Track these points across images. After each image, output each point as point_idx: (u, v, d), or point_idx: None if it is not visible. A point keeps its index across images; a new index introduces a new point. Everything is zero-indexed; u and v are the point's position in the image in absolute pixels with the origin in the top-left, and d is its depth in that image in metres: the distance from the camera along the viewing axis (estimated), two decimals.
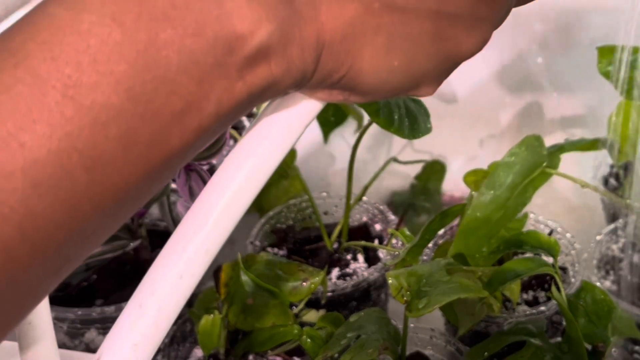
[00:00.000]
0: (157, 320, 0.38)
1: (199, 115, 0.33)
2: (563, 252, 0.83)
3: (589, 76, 0.92)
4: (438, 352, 0.78)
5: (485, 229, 0.73)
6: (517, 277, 0.70)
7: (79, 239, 0.32)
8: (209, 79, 0.33)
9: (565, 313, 0.69)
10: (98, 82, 0.31)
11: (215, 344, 0.75)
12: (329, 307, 0.82)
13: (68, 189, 0.31)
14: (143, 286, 0.38)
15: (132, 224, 0.83)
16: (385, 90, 0.38)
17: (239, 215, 0.38)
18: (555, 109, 1.09)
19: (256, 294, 0.75)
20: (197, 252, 0.37)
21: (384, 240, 0.91)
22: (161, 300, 0.38)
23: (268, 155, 0.38)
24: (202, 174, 0.74)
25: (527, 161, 0.74)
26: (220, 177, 0.38)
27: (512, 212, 0.74)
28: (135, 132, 0.32)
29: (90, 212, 0.32)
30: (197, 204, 0.38)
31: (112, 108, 0.31)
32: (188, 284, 0.38)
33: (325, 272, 0.77)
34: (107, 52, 0.31)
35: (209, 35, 0.33)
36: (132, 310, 0.38)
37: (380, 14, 0.36)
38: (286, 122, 0.38)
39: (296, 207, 0.94)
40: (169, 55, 0.32)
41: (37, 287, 0.32)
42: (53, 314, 0.82)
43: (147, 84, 0.32)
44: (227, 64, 0.33)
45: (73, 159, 0.31)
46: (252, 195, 0.38)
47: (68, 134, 0.30)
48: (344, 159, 0.96)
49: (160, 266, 0.38)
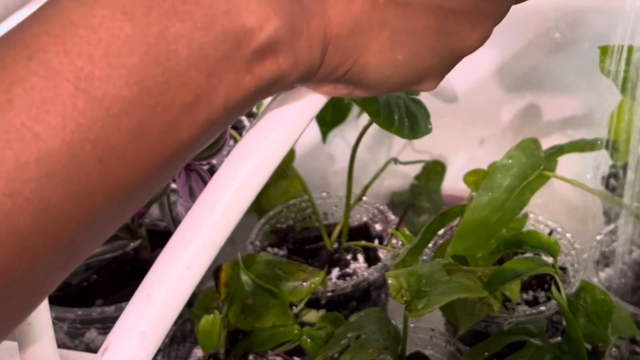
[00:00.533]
0: (165, 309, 0.38)
1: (208, 108, 0.34)
2: (563, 252, 0.83)
3: (589, 76, 0.92)
4: (438, 352, 0.78)
5: (482, 231, 0.74)
6: (517, 277, 0.70)
7: (90, 229, 0.33)
8: (217, 72, 0.34)
9: (565, 313, 0.69)
10: (110, 75, 0.32)
11: (215, 344, 0.75)
12: (329, 307, 0.82)
13: (81, 180, 0.31)
14: (151, 276, 0.38)
15: (132, 224, 0.83)
16: (390, 84, 0.39)
17: (244, 208, 0.38)
18: (555, 109, 1.09)
19: (256, 294, 0.75)
20: (204, 244, 0.38)
21: (384, 240, 0.91)
22: (169, 290, 0.38)
23: (274, 149, 0.39)
24: (202, 174, 0.74)
25: (524, 164, 0.75)
26: (227, 169, 0.39)
27: (509, 214, 0.74)
28: (147, 124, 0.32)
29: (101, 203, 0.32)
30: (203, 196, 0.38)
31: (124, 100, 0.32)
32: (195, 274, 0.38)
33: (325, 272, 0.77)
34: (119, 45, 0.32)
35: (218, 29, 0.33)
36: (140, 300, 0.38)
37: (385, 9, 0.37)
38: (291, 116, 0.39)
39: (296, 207, 0.95)
40: (179, 49, 0.33)
41: (49, 277, 0.33)
42: (53, 313, 0.82)
43: (157, 77, 0.32)
44: (235, 57, 0.34)
45: (86, 150, 0.31)
46: (257, 187, 0.39)
47: (81, 126, 0.31)
48: (343, 159, 0.96)
49: (168, 257, 0.38)
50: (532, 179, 0.74)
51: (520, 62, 1.09)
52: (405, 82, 0.39)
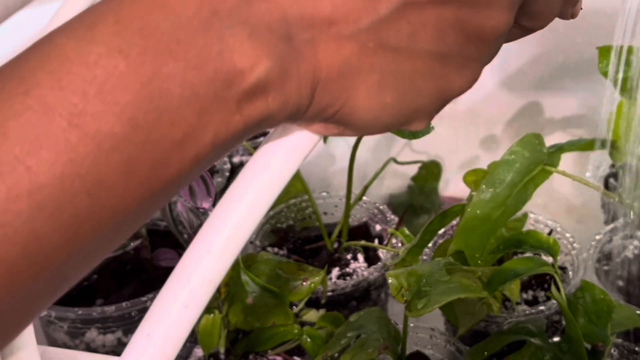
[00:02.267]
0: (165, 348, 0.39)
1: (197, 145, 0.34)
2: (563, 251, 0.83)
3: (589, 76, 0.92)
4: (438, 351, 0.78)
5: (485, 227, 0.74)
6: (516, 276, 0.70)
7: (78, 260, 0.34)
8: (208, 110, 0.34)
9: (565, 312, 0.69)
10: (103, 112, 0.32)
11: (216, 343, 0.75)
12: (329, 307, 0.82)
13: (70, 212, 0.32)
14: (150, 316, 0.39)
15: None
16: (379, 126, 0.39)
17: (240, 246, 0.40)
18: (555, 109, 1.09)
19: (256, 294, 0.75)
20: (201, 283, 0.39)
21: (384, 240, 0.91)
22: (168, 329, 0.39)
23: (267, 188, 0.40)
24: (204, 175, 0.74)
25: (527, 159, 0.74)
26: (223, 209, 0.40)
27: (512, 209, 0.74)
28: (137, 159, 0.33)
29: (90, 235, 0.33)
30: (200, 236, 0.40)
31: (115, 136, 0.32)
32: (193, 313, 0.40)
33: (325, 272, 0.77)
34: (113, 83, 0.32)
35: (210, 69, 0.34)
36: (140, 340, 0.39)
37: (374, 53, 0.37)
38: (285, 154, 0.40)
39: (296, 207, 0.95)
40: (171, 88, 0.33)
41: (35, 305, 0.34)
42: (53, 313, 0.82)
43: (149, 114, 0.33)
44: (226, 97, 0.34)
45: (76, 184, 0.32)
46: (252, 225, 0.40)
47: (72, 161, 0.32)
48: (343, 159, 0.96)
49: (166, 296, 0.40)
50: (534, 174, 0.74)
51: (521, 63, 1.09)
52: (394, 123, 0.40)
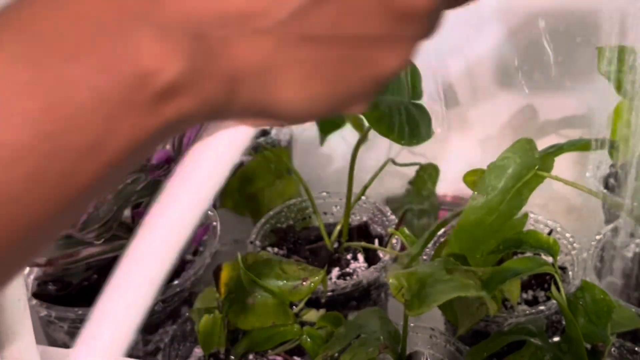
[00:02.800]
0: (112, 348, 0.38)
1: (109, 151, 0.34)
2: (563, 251, 0.83)
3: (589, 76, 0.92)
4: (438, 351, 0.78)
5: (478, 233, 0.74)
6: (516, 276, 0.70)
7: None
8: (118, 115, 0.33)
9: (565, 312, 0.69)
10: (5, 120, 0.31)
11: (216, 343, 0.75)
12: (329, 307, 0.82)
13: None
14: (95, 317, 0.38)
15: (132, 224, 0.83)
16: (312, 115, 0.39)
17: (179, 247, 0.38)
18: (555, 109, 1.09)
19: (256, 294, 0.75)
20: (141, 284, 0.38)
21: (384, 239, 0.91)
22: (113, 329, 0.38)
23: (202, 187, 0.39)
24: None
25: (519, 164, 0.74)
26: (156, 215, 0.38)
27: (505, 215, 0.74)
28: (44, 169, 0.32)
29: (2, 246, 0.32)
30: (136, 238, 0.38)
31: (20, 146, 0.32)
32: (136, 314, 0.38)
33: (325, 272, 0.77)
34: (16, 90, 0.32)
35: (117, 72, 0.33)
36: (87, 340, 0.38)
37: (296, 44, 0.36)
38: (220, 150, 0.39)
39: (296, 207, 0.95)
40: (76, 94, 0.32)
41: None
42: (54, 313, 0.82)
43: (55, 122, 0.32)
44: (137, 100, 0.33)
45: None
46: (190, 225, 0.39)
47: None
48: (343, 159, 0.96)
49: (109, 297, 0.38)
50: (526, 180, 0.74)
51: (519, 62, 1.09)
52: (329, 110, 0.39)
